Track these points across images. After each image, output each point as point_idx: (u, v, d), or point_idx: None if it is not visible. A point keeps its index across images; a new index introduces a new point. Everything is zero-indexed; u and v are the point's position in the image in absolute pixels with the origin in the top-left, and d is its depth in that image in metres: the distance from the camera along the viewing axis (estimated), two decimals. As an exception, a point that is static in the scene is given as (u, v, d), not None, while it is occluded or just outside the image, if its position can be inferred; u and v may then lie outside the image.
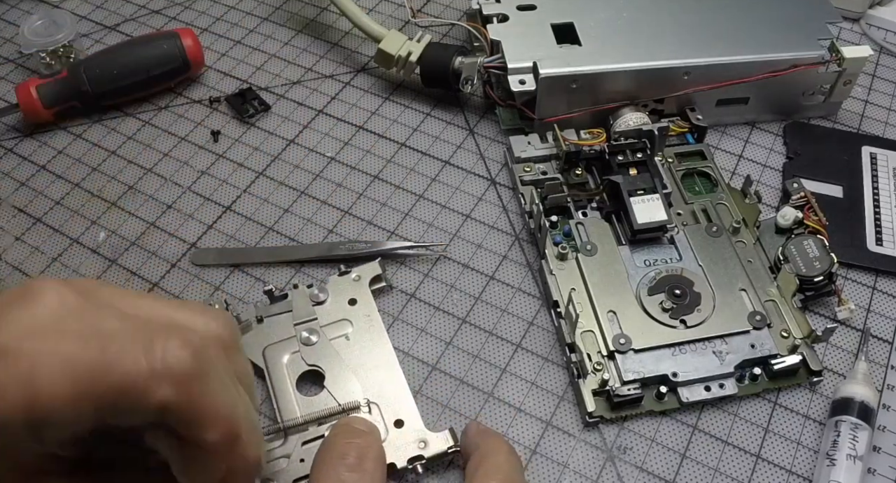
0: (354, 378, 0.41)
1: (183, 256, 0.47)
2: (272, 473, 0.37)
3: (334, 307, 0.43)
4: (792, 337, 0.42)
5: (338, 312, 0.43)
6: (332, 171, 0.52)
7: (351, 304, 0.43)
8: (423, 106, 0.56)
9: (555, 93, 0.49)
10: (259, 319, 0.42)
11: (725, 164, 0.52)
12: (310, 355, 0.41)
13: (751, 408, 0.41)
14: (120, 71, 0.53)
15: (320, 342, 0.42)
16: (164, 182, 0.51)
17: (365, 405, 0.40)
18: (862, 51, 0.50)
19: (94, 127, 0.55)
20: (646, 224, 0.44)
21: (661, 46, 0.50)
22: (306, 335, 0.42)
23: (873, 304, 0.46)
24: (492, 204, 0.50)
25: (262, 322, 0.42)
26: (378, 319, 0.43)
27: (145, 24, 0.62)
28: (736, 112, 0.53)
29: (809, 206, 0.47)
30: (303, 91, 0.57)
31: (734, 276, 0.44)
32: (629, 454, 0.40)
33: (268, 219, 0.49)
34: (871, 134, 0.54)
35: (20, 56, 0.59)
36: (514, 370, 0.43)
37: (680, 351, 0.41)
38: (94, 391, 0.26)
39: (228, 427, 0.29)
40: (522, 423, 0.41)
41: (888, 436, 0.40)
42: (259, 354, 0.41)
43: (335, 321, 0.43)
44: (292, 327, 0.42)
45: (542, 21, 0.52)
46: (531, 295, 0.46)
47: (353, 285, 0.44)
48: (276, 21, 0.62)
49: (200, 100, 0.56)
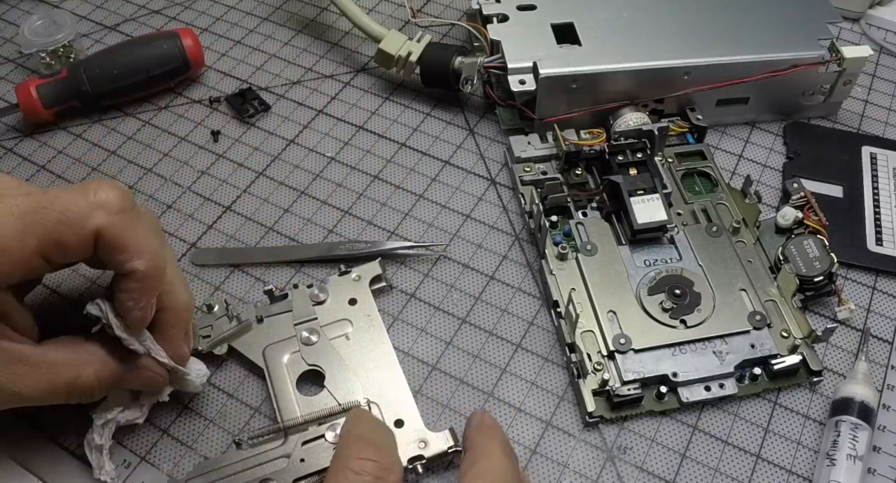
0: (354, 378, 0.41)
1: (183, 256, 0.47)
2: (272, 473, 0.37)
3: (334, 307, 0.43)
4: (792, 337, 0.42)
5: (338, 312, 0.43)
6: (332, 171, 0.52)
7: (351, 303, 0.43)
8: (423, 106, 0.56)
9: (555, 93, 0.49)
10: (259, 319, 0.43)
11: (725, 164, 0.52)
12: (310, 355, 0.41)
13: (751, 408, 0.41)
14: (120, 71, 0.53)
15: (320, 342, 0.42)
16: (164, 182, 0.51)
17: (365, 405, 0.40)
18: (862, 51, 0.50)
19: (94, 127, 0.55)
20: (646, 224, 0.44)
21: (661, 46, 0.50)
22: (306, 335, 0.42)
23: (873, 304, 0.46)
24: (492, 204, 0.50)
25: (263, 322, 0.43)
26: (378, 319, 0.43)
27: (145, 24, 0.62)
28: (736, 112, 0.53)
29: (809, 206, 0.47)
30: (303, 91, 0.57)
31: (734, 276, 0.44)
32: (629, 454, 0.40)
33: (268, 219, 0.49)
34: (871, 134, 0.54)
35: (20, 56, 0.59)
36: (514, 370, 0.43)
37: (680, 351, 0.41)
38: (38, 224, 0.33)
39: (154, 259, 0.35)
40: (522, 423, 0.41)
41: (888, 436, 0.40)
42: (259, 354, 0.41)
43: (335, 321, 0.43)
44: (292, 327, 0.42)
45: (542, 21, 0.52)
46: (531, 295, 0.46)
47: (354, 285, 0.44)
48: (276, 21, 0.62)
49: (200, 100, 0.56)
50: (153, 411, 0.41)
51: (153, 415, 0.41)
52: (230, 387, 0.42)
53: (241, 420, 0.41)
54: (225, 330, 0.42)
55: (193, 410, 0.41)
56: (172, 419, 0.41)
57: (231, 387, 0.42)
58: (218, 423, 0.41)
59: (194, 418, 0.41)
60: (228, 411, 0.41)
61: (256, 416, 0.41)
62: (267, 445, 0.38)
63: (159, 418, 0.41)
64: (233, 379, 0.42)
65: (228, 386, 0.42)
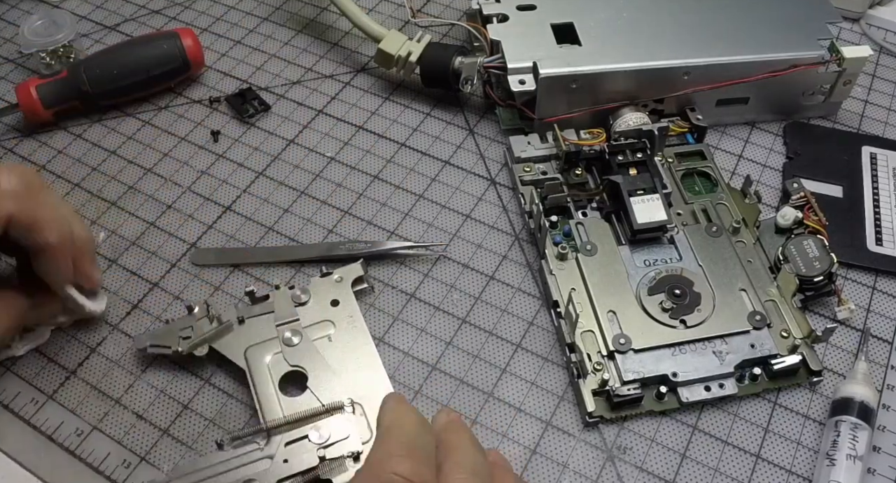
0: (337, 379, 0.41)
1: (183, 256, 0.47)
2: (255, 474, 0.37)
3: (316, 308, 0.43)
4: (792, 337, 0.42)
5: (320, 313, 0.43)
6: (332, 171, 0.52)
7: (333, 305, 0.43)
8: (423, 106, 0.56)
9: (555, 93, 0.49)
10: (241, 320, 0.42)
11: (725, 164, 0.52)
12: (292, 356, 0.41)
13: (751, 408, 0.41)
14: (120, 71, 0.53)
15: (302, 343, 0.42)
16: (164, 182, 0.51)
17: (349, 405, 0.40)
18: (862, 51, 0.50)
19: (94, 127, 0.55)
20: (646, 224, 0.44)
21: (661, 46, 0.50)
22: (288, 336, 0.42)
23: (873, 304, 0.46)
24: (492, 204, 0.50)
25: (244, 323, 0.42)
26: (361, 320, 0.43)
27: (145, 24, 0.62)
28: (736, 112, 0.53)
29: (809, 206, 0.47)
30: (303, 91, 0.57)
31: (734, 276, 0.44)
32: (629, 454, 0.40)
33: (268, 219, 0.49)
34: (871, 134, 0.54)
35: (20, 56, 0.59)
36: (514, 370, 0.43)
37: (680, 351, 0.41)
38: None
39: (61, 229, 0.39)
40: (522, 423, 0.41)
41: (888, 436, 0.40)
42: (241, 355, 0.41)
43: (317, 322, 0.43)
44: (274, 328, 0.42)
45: (542, 21, 0.52)
46: (531, 295, 0.46)
47: (336, 286, 0.44)
48: (276, 21, 0.62)
49: (200, 100, 0.56)
50: (153, 410, 0.41)
51: (153, 414, 0.41)
52: (230, 387, 0.42)
53: (241, 420, 0.41)
54: (205, 331, 0.41)
55: (193, 410, 0.41)
56: (172, 419, 0.41)
57: (231, 387, 0.42)
58: (218, 422, 0.41)
59: (194, 418, 0.41)
60: (228, 411, 0.41)
61: (256, 416, 0.41)
62: (249, 446, 0.38)
63: (159, 417, 0.41)
64: (232, 379, 0.42)
65: (228, 386, 0.42)
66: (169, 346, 0.41)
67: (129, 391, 0.42)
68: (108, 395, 0.42)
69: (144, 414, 0.41)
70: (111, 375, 0.42)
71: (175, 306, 0.45)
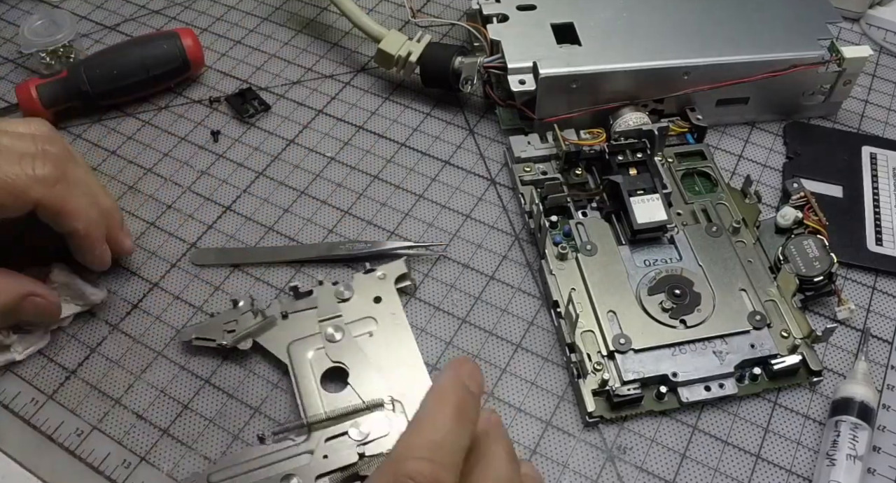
0: (378, 375, 0.41)
1: (183, 256, 0.47)
2: (295, 469, 0.37)
3: (359, 305, 0.43)
4: (792, 337, 0.42)
5: (362, 310, 0.43)
6: (332, 171, 0.52)
7: (376, 301, 0.44)
8: (423, 106, 0.56)
9: (555, 93, 0.49)
10: (284, 315, 0.43)
11: (725, 164, 0.52)
12: (334, 352, 0.41)
13: (751, 408, 0.41)
14: (120, 71, 0.53)
15: (345, 339, 0.42)
16: (164, 182, 0.51)
17: (389, 403, 0.40)
18: (862, 51, 0.50)
19: (94, 127, 0.55)
20: (646, 224, 0.44)
21: (661, 46, 0.50)
22: (331, 332, 0.42)
23: (873, 304, 0.46)
24: (492, 204, 0.50)
25: (287, 318, 0.43)
26: (403, 318, 0.43)
27: (145, 24, 0.62)
28: (736, 112, 0.53)
29: (809, 206, 0.47)
30: (303, 91, 0.57)
31: (734, 276, 0.44)
32: (629, 454, 0.40)
33: (268, 219, 0.49)
34: (871, 134, 0.54)
35: (20, 56, 0.59)
36: (514, 370, 0.43)
37: (680, 351, 0.41)
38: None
39: (89, 216, 0.40)
40: (522, 423, 0.41)
41: (888, 436, 0.40)
42: (283, 350, 0.42)
43: (360, 318, 0.43)
44: (317, 324, 0.42)
45: (542, 21, 0.52)
46: (531, 295, 0.46)
47: (379, 283, 0.44)
48: (276, 21, 0.62)
49: (200, 100, 0.56)
50: (153, 410, 0.41)
51: (153, 414, 0.41)
52: (230, 387, 0.42)
53: (242, 420, 0.41)
54: (249, 325, 0.42)
55: (193, 410, 0.41)
56: (172, 419, 0.41)
57: (231, 387, 0.42)
58: (218, 422, 0.41)
59: (194, 418, 0.41)
60: (228, 411, 0.41)
61: (256, 417, 0.41)
62: (290, 441, 0.38)
63: (159, 417, 0.41)
64: (233, 379, 0.42)
65: (228, 386, 0.42)
66: (214, 340, 0.42)
67: (129, 391, 0.42)
68: (108, 395, 0.42)
69: (144, 414, 0.41)
70: (111, 375, 0.42)
71: (175, 306, 0.45)
